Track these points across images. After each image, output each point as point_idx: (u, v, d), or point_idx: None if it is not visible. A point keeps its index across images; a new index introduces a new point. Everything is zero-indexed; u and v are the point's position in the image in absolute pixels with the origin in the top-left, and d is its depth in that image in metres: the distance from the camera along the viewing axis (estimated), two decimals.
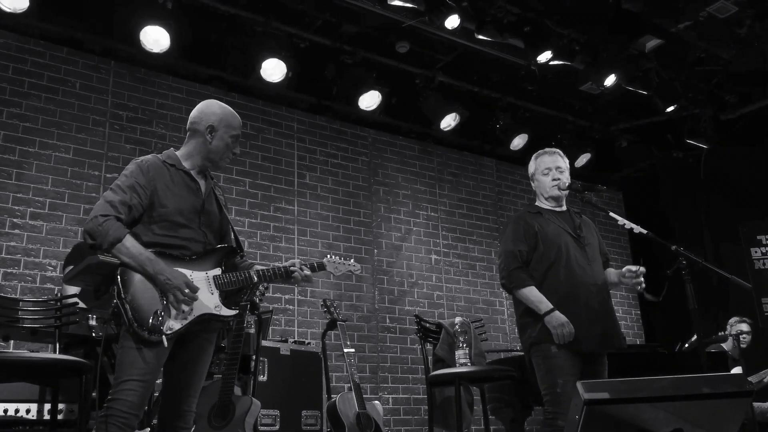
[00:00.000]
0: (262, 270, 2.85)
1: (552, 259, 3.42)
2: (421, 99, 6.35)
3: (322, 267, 3.04)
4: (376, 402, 4.57)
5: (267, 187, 6.08)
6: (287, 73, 5.56)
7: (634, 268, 3.42)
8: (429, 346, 4.87)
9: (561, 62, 5.94)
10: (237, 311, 2.79)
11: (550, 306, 3.29)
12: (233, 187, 5.88)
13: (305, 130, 6.47)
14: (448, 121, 6.45)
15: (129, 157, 5.46)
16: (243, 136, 5.95)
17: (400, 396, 6.18)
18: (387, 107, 6.29)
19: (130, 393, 2.47)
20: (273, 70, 5.54)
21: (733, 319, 5.80)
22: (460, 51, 6.04)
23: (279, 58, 5.46)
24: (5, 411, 3.38)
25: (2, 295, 3.67)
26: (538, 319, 3.31)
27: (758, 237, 6.81)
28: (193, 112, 2.95)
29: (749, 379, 4.94)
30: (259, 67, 5.49)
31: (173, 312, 2.57)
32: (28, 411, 3.43)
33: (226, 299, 2.74)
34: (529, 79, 6.40)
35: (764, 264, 6.74)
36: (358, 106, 6.07)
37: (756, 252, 6.77)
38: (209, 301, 2.68)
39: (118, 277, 2.54)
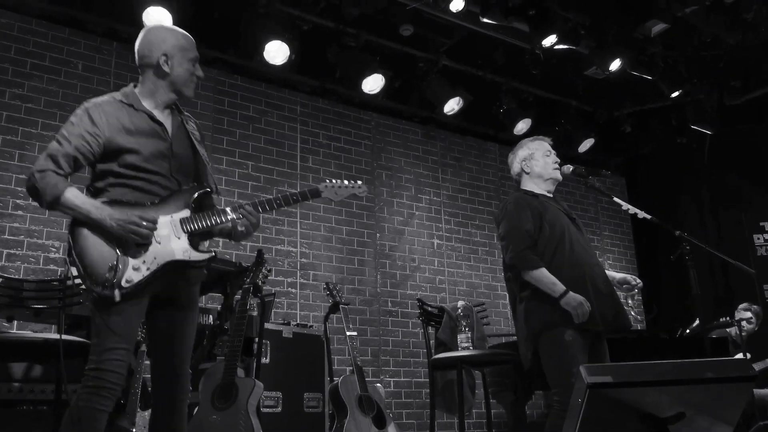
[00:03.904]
0: (239, 203, 2.60)
1: (557, 241, 3.33)
2: (425, 83, 6.31)
3: (316, 194, 2.78)
4: (378, 385, 4.59)
5: (270, 170, 6.07)
6: (290, 56, 5.52)
7: (633, 282, 3.44)
8: (431, 330, 4.88)
9: (566, 46, 5.91)
10: (210, 254, 2.51)
11: (564, 287, 3.17)
12: (236, 170, 5.87)
13: (308, 114, 6.44)
14: (452, 105, 6.41)
15: None
16: (245, 118, 6.04)
17: (402, 379, 6.21)
18: (390, 91, 6.26)
19: (118, 364, 2.32)
20: (276, 52, 5.50)
21: (742, 306, 5.78)
22: (464, 34, 5.99)
23: (282, 40, 5.42)
24: (9, 390, 3.40)
25: (6, 275, 3.68)
26: (549, 302, 3.19)
27: (761, 223, 6.81)
28: (139, 45, 2.65)
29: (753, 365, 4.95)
30: (262, 49, 5.45)
31: (131, 262, 2.35)
32: (31, 391, 3.45)
33: (195, 243, 2.50)
34: (534, 64, 6.36)
35: (766, 250, 6.75)
36: (361, 90, 6.03)
37: (759, 238, 6.78)
38: (176, 246, 2.44)
39: (69, 235, 2.37)
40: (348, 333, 4.51)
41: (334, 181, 2.80)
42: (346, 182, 2.83)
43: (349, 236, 6.33)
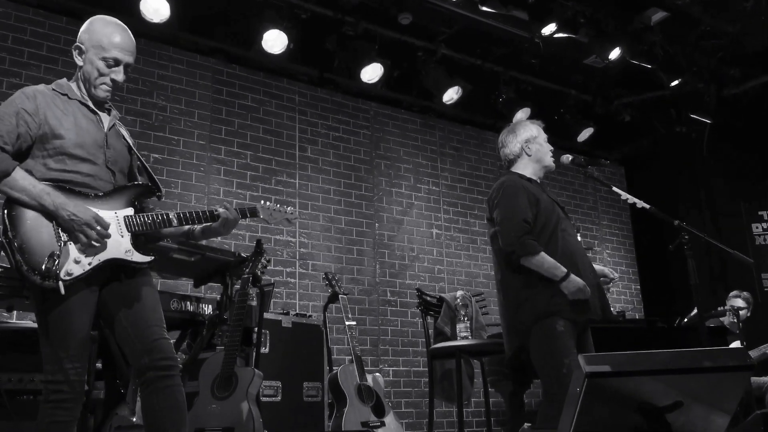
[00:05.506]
0: (182, 212, 2.50)
1: (551, 228, 3.29)
2: (424, 72, 6.29)
3: (254, 213, 2.72)
4: (377, 374, 4.60)
5: (268, 160, 6.06)
6: (288, 45, 5.50)
7: (611, 275, 3.49)
8: (430, 320, 4.89)
9: (565, 35, 5.89)
10: (152, 258, 2.42)
11: (566, 270, 3.11)
12: (234, 160, 5.86)
13: (307, 103, 6.43)
14: (451, 95, 6.40)
15: (130, 129, 5.45)
16: (244, 108, 6.02)
17: (401, 368, 6.23)
18: (389, 80, 6.24)
19: (77, 371, 2.22)
20: (274, 41, 5.49)
21: (732, 294, 5.81)
22: (463, 23, 5.96)
23: (280, 29, 5.40)
24: (10, 380, 3.40)
25: (5, 266, 3.67)
26: (542, 292, 3.15)
27: (760, 213, 6.82)
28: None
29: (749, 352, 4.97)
30: (260, 39, 5.44)
31: (73, 254, 2.23)
32: (32, 380, 3.46)
33: (139, 244, 2.41)
34: (533, 53, 6.34)
35: (765, 239, 6.76)
36: (359, 79, 6.02)
37: (757, 228, 6.79)
38: (119, 244, 2.34)
39: (4, 212, 2.20)
40: (347, 323, 4.52)
41: (268, 203, 2.82)
42: (279, 207, 2.85)
43: (348, 226, 6.34)
